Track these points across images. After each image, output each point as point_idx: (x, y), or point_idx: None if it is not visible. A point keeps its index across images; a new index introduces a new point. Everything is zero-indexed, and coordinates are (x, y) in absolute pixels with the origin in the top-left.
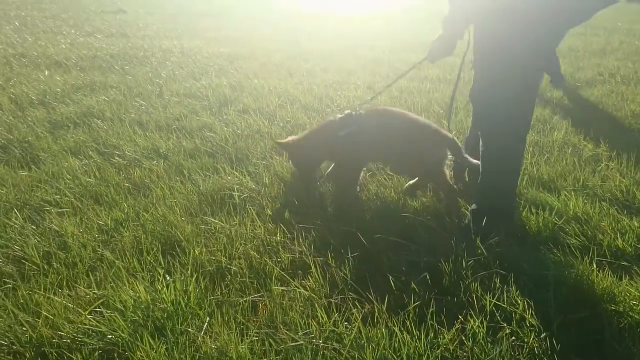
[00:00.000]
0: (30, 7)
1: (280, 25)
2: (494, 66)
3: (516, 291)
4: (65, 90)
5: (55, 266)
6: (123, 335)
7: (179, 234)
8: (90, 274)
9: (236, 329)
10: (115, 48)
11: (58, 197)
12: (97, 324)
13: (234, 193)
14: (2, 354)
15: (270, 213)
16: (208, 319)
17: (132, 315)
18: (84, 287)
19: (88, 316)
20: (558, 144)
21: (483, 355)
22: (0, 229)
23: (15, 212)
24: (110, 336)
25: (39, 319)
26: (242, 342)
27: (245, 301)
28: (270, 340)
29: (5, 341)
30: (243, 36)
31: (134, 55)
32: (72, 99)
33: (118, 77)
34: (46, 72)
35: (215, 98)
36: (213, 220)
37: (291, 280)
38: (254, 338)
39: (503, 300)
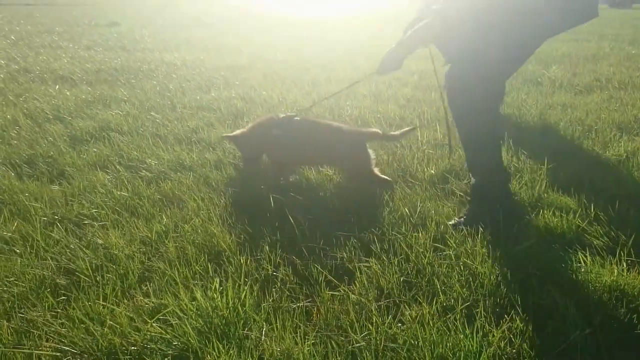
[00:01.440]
0: (24, 21)
1: (273, 33)
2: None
3: (553, 290)
4: (78, 105)
5: (106, 277)
6: (192, 341)
7: (222, 243)
8: (142, 284)
9: (297, 333)
10: (117, 61)
11: (95, 210)
12: (163, 331)
13: (267, 201)
14: None
15: (306, 220)
16: (265, 324)
17: (194, 322)
18: (141, 296)
19: (154, 324)
20: (570, 148)
21: (532, 351)
22: (45, 242)
23: (57, 225)
24: (175, 343)
25: (105, 327)
26: (303, 345)
27: (298, 307)
28: (333, 342)
29: (77, 349)
30: (239, 45)
31: (138, 69)
32: (86, 113)
33: (127, 91)
34: (56, 87)
35: (227, 110)
36: (250, 229)
37: (340, 285)
38: (313, 341)
39: (543, 298)
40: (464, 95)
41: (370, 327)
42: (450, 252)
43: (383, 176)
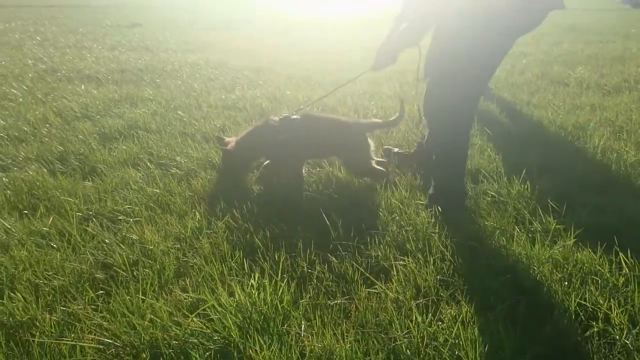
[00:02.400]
0: (48, 22)
1: (290, 37)
2: (447, 68)
3: (596, 291)
4: (105, 104)
5: (143, 272)
6: (233, 336)
7: (256, 240)
8: (178, 279)
9: (337, 330)
10: (141, 62)
11: (129, 207)
12: (203, 326)
13: (299, 199)
14: (123, 354)
15: (339, 218)
16: (304, 320)
17: (234, 317)
18: (179, 291)
19: (194, 319)
20: (601, 149)
21: (578, 353)
22: (81, 237)
23: (92, 221)
24: (216, 337)
25: (145, 321)
26: (344, 341)
27: (336, 304)
28: (373, 340)
29: (119, 342)
30: (257, 48)
31: (162, 69)
32: (114, 112)
33: (152, 90)
34: (82, 87)
35: (253, 110)
36: (283, 226)
37: (376, 282)
38: (352, 338)
39: (586, 300)
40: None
41: (410, 325)
42: (486, 252)
43: (378, 167)
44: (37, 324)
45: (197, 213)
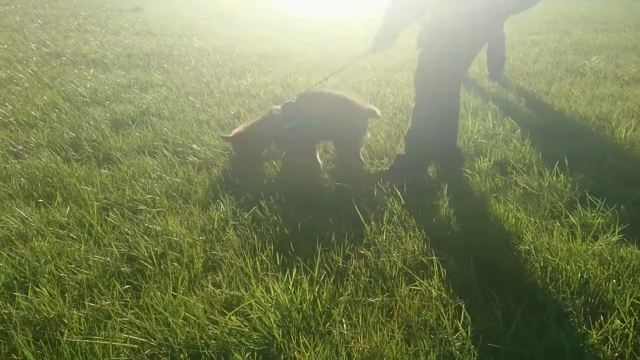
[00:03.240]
0: (47, 5)
1: (294, 29)
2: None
3: None
4: (115, 89)
5: (172, 266)
6: (276, 336)
7: (287, 232)
8: (208, 273)
9: (382, 330)
10: (147, 46)
11: (150, 196)
12: (242, 325)
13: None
14: (160, 354)
15: (372, 211)
16: (345, 319)
17: (273, 316)
18: (211, 287)
19: (232, 317)
20: (629, 141)
21: (637, 354)
22: (101, 228)
23: (113, 211)
24: (256, 337)
25: (179, 319)
26: (390, 342)
27: (377, 301)
28: (423, 340)
29: (154, 342)
30: (263, 37)
31: (169, 54)
32: (124, 97)
33: (161, 76)
34: (90, 71)
35: (266, 96)
36: (313, 219)
37: (418, 279)
38: (399, 338)
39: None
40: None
41: (459, 325)
42: (526, 247)
43: (361, 157)
44: (65, 321)
45: (221, 203)
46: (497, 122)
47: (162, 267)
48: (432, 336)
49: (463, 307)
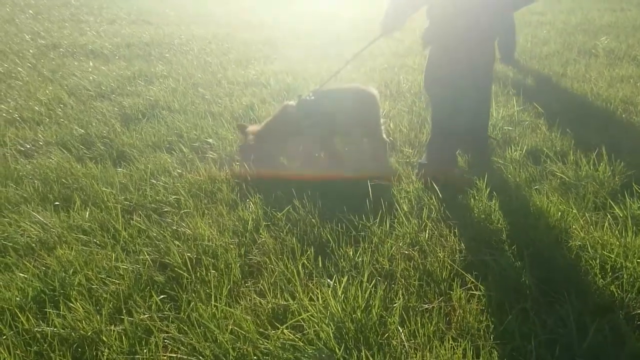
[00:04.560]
0: None
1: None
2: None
3: None
4: (119, 82)
5: (209, 273)
6: (334, 349)
7: (323, 233)
8: (246, 280)
9: (445, 340)
10: (146, 36)
11: (174, 197)
12: (295, 337)
13: (361, 188)
14: None
15: (413, 210)
16: (402, 328)
17: (326, 327)
18: (253, 295)
19: (285, 330)
20: None
21: None
22: (127, 232)
23: (138, 213)
24: (310, 350)
25: (227, 333)
26: (456, 352)
27: (432, 307)
28: (494, 350)
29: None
30: (264, 24)
31: (170, 43)
32: (129, 89)
33: (165, 67)
34: (90, 63)
35: (278, 86)
36: (351, 219)
37: (473, 280)
38: (462, 348)
39: None
40: (442, 50)
41: (525, 331)
42: (577, 243)
43: (386, 140)
44: (104, 338)
45: (250, 203)
46: (520, 108)
47: (198, 274)
48: (500, 345)
49: (530, 311)
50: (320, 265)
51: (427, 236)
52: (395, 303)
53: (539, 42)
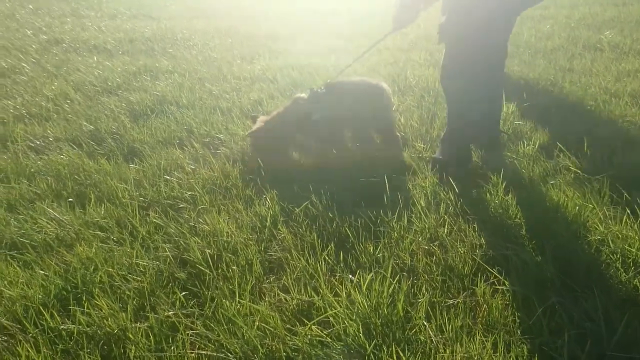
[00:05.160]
0: None
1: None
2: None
3: None
4: (125, 77)
5: (229, 269)
6: (364, 345)
7: (346, 229)
8: (268, 276)
9: (474, 335)
10: (148, 30)
11: (190, 193)
12: (323, 333)
13: (378, 183)
14: None
15: (432, 204)
16: (428, 323)
17: (353, 323)
18: (276, 291)
19: (313, 326)
20: None
21: None
22: (144, 228)
23: (155, 210)
24: (338, 347)
25: (253, 329)
26: (485, 347)
27: (459, 302)
28: (523, 347)
29: (233, 356)
30: (267, 16)
31: (172, 38)
32: (135, 85)
33: (169, 62)
34: (94, 58)
35: (284, 81)
36: (370, 214)
37: (497, 275)
38: (491, 343)
39: None
40: (459, 45)
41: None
42: (597, 237)
43: (397, 135)
44: (130, 335)
45: (267, 199)
46: (529, 103)
47: (219, 270)
48: (529, 339)
49: (556, 306)
50: (341, 260)
51: (446, 231)
52: (420, 298)
53: (543, 36)
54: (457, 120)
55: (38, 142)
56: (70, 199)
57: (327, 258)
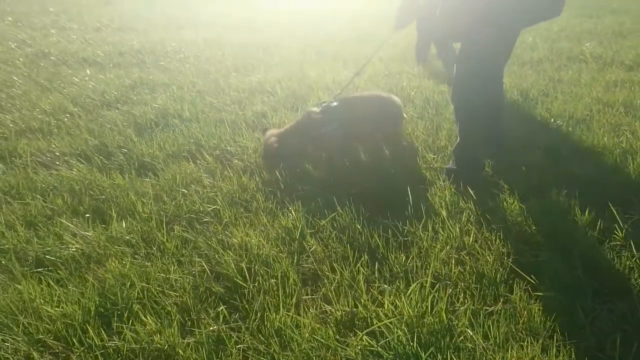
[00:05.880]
0: (11, 0)
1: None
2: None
3: None
4: (121, 90)
5: (265, 282)
6: (420, 355)
7: (377, 239)
8: (304, 288)
9: (522, 342)
10: (136, 43)
11: (213, 207)
12: (374, 344)
13: (399, 192)
14: None
15: (456, 213)
16: (469, 331)
17: (401, 333)
18: (319, 302)
19: (365, 337)
20: None
21: None
22: (171, 243)
23: (180, 224)
24: (390, 356)
25: (304, 341)
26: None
27: (499, 308)
28: (571, 350)
29: None
30: (252, 26)
31: (162, 50)
32: (134, 98)
33: (163, 74)
34: (87, 71)
35: (284, 93)
36: (395, 223)
37: (532, 280)
38: (539, 350)
39: None
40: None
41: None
42: (617, 243)
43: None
44: (179, 351)
45: (292, 211)
46: (526, 112)
47: (256, 283)
48: (573, 344)
49: (593, 309)
50: (376, 271)
51: (471, 240)
52: (458, 307)
53: (527, 47)
54: (467, 131)
55: (45, 157)
56: (88, 215)
57: (361, 269)
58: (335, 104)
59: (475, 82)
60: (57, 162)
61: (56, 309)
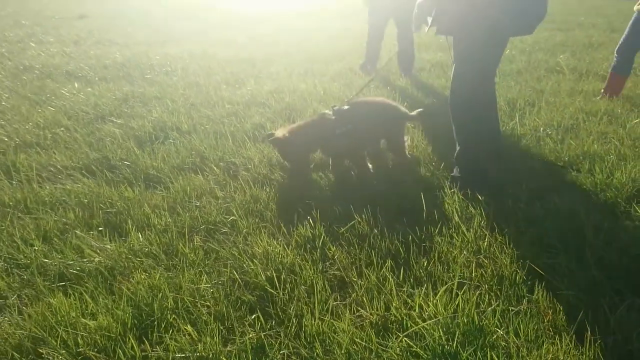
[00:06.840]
0: None
1: (254, 28)
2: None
3: None
4: (114, 104)
5: (294, 289)
6: (461, 355)
7: (398, 245)
8: (332, 294)
9: (554, 340)
10: (119, 57)
11: (232, 217)
12: (413, 345)
13: (411, 199)
14: None
15: (472, 217)
16: (499, 330)
17: (436, 334)
18: (356, 307)
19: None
20: None
21: None
22: (194, 254)
23: (200, 236)
24: (428, 357)
25: (343, 346)
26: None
27: (524, 308)
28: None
29: None
30: (226, 38)
31: (148, 63)
32: (127, 112)
33: (152, 88)
34: (76, 85)
35: (278, 105)
36: (417, 229)
37: (553, 281)
38: (572, 346)
39: None
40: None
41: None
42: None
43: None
44: (224, 359)
45: (310, 220)
46: (515, 121)
47: (286, 291)
48: (601, 340)
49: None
50: (402, 275)
51: (486, 244)
52: (484, 307)
53: (505, 59)
54: (466, 139)
55: (49, 171)
56: (101, 228)
57: (386, 274)
58: (346, 107)
59: (473, 82)
60: (60, 176)
61: (93, 321)
